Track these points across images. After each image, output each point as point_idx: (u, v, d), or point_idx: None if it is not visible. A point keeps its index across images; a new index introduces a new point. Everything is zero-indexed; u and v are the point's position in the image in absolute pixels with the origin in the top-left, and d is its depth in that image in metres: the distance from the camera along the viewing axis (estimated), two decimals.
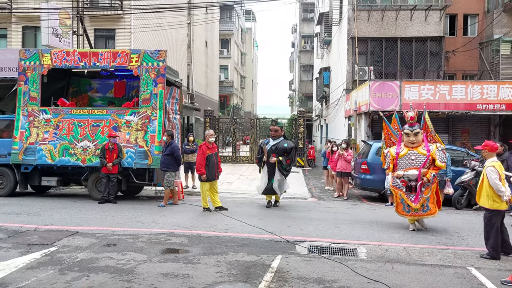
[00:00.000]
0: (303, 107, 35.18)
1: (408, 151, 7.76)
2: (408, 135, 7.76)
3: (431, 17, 19.11)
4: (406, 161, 7.75)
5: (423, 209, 7.75)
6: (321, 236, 7.34)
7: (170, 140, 10.13)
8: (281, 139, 10.04)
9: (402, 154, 7.80)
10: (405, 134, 7.81)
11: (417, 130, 7.71)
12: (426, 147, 7.72)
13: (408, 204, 7.75)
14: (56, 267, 5.40)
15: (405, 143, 7.84)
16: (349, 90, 19.28)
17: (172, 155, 10.02)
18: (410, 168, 7.72)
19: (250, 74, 64.64)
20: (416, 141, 7.72)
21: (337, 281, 5.09)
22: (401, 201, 7.87)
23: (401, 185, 7.83)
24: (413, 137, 7.72)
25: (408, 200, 7.74)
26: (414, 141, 7.72)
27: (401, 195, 7.85)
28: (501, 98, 14.80)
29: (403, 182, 7.77)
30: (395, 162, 7.86)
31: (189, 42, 29.00)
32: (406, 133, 7.78)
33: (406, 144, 7.81)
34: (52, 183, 11.22)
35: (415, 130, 7.71)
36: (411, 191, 7.70)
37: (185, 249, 6.36)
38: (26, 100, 10.94)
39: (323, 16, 26.57)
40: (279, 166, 9.87)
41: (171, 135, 10.22)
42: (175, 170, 10.18)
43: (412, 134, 7.70)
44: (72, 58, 10.82)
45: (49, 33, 16.43)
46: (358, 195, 12.84)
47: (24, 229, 7.51)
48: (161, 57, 10.52)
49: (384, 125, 8.52)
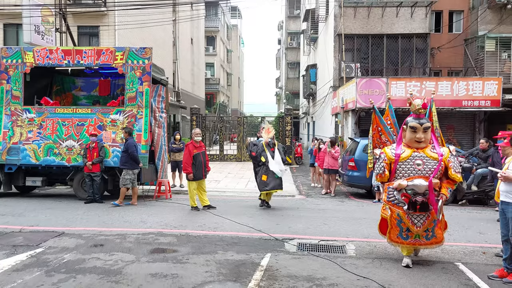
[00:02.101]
0: (290, 105, 35.21)
1: (412, 153, 5.57)
2: (415, 130, 5.58)
3: (417, 14, 19.27)
4: (410, 166, 5.54)
5: (426, 236, 5.65)
6: (310, 234, 7.34)
7: (128, 137, 9.92)
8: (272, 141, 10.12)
9: (404, 156, 5.57)
10: (409, 129, 5.62)
11: (427, 124, 5.60)
12: (436, 149, 5.64)
13: (408, 227, 5.63)
14: (42, 268, 5.29)
15: (407, 141, 5.68)
16: (336, 87, 19.36)
17: (126, 152, 9.78)
18: (416, 176, 5.49)
19: (237, 72, 64.53)
20: (425, 140, 5.60)
21: (327, 278, 5.10)
22: (397, 224, 5.66)
23: (402, 201, 5.55)
24: (421, 133, 5.56)
25: (409, 223, 5.58)
26: (421, 140, 5.56)
27: (399, 215, 5.62)
28: (486, 94, 15.03)
29: (405, 196, 5.51)
30: (393, 167, 5.63)
31: (175, 39, 28.77)
32: (412, 127, 5.58)
33: (409, 144, 5.65)
34: (37, 183, 11.03)
35: (425, 124, 5.58)
36: (415, 210, 5.47)
37: (173, 248, 6.31)
38: (8, 99, 10.72)
39: (310, 13, 26.59)
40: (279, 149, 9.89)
41: (128, 132, 9.97)
42: (131, 168, 9.84)
43: (421, 129, 5.55)
44: (55, 56, 10.63)
45: (32, 30, 16.12)
46: (346, 192, 12.91)
47: (9, 230, 7.35)
48: (147, 54, 10.39)
49: (374, 117, 6.66)
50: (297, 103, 41.38)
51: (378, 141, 6.63)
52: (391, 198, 5.69)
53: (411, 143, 5.67)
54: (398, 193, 5.59)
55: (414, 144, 5.65)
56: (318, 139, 14.95)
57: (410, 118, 5.71)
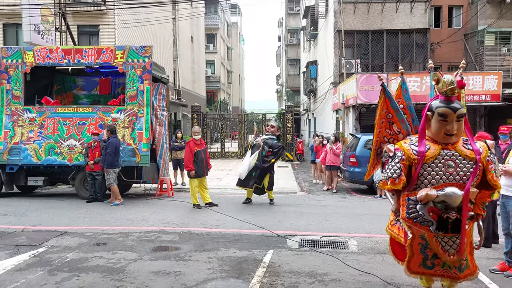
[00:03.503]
0: (290, 102, 35.24)
1: (440, 151, 3.86)
2: (445, 118, 3.81)
3: (416, 9, 19.23)
4: (439, 170, 3.85)
5: (459, 266, 4.01)
6: (312, 230, 7.36)
7: (110, 135, 9.86)
8: (272, 136, 10.03)
9: (430, 155, 3.85)
10: (437, 118, 3.84)
11: (462, 110, 3.86)
12: (471, 145, 3.95)
13: (435, 254, 3.97)
14: (45, 268, 5.32)
15: (432, 134, 3.93)
16: (337, 84, 19.33)
17: (105, 150, 9.70)
18: (447, 184, 3.83)
19: (237, 69, 64.49)
20: (457, 133, 3.87)
21: (329, 274, 5.11)
22: (422, 250, 4.02)
23: (428, 218, 3.88)
24: (454, 123, 3.82)
25: (439, 248, 3.93)
26: (453, 132, 3.82)
27: (425, 238, 3.98)
28: (486, 89, 15.01)
29: (433, 212, 3.86)
30: (415, 170, 3.89)
31: (175, 37, 28.74)
32: (441, 114, 3.81)
33: (436, 138, 3.91)
34: (38, 183, 11.05)
35: (460, 111, 3.84)
36: (447, 230, 3.88)
37: (176, 246, 6.33)
38: (9, 99, 10.73)
39: (309, 9, 26.54)
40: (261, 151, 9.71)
41: (110, 130, 9.91)
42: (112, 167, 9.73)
43: (455, 117, 3.81)
44: (55, 56, 10.63)
45: (31, 30, 16.12)
46: (347, 188, 12.91)
47: (12, 230, 7.38)
48: (147, 53, 10.39)
49: (384, 99, 4.62)
50: (298, 100, 41.36)
51: (388, 133, 4.59)
52: (412, 214, 3.94)
53: (439, 137, 3.89)
54: (423, 208, 3.85)
55: (443, 139, 3.88)
56: (319, 135, 14.94)
57: (437, 101, 3.92)
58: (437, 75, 4.03)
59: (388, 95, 4.64)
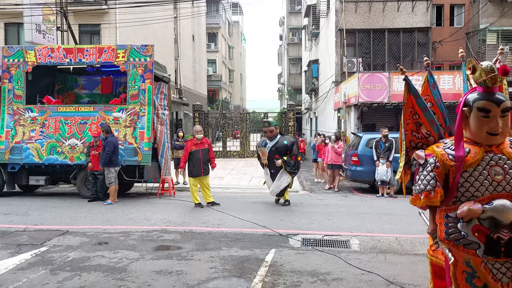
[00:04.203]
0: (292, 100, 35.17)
1: (484, 155, 3.05)
2: (487, 113, 3.00)
3: (418, 8, 19.19)
4: (484, 178, 3.02)
5: None
6: (314, 229, 7.35)
7: (106, 135, 9.84)
8: (278, 137, 9.41)
9: (472, 160, 3.05)
10: (477, 114, 3.04)
11: (507, 103, 3.03)
12: None
13: (485, 284, 3.08)
14: (47, 267, 5.32)
15: (472, 135, 3.11)
16: (338, 83, 19.31)
17: (104, 150, 9.70)
18: (495, 195, 3.00)
19: (239, 68, 64.46)
20: (503, 132, 3.06)
21: (331, 273, 5.10)
22: (467, 280, 3.11)
23: (473, 239, 3.01)
24: (499, 119, 3.00)
25: (489, 277, 3.02)
26: (498, 131, 3.02)
27: (471, 265, 3.08)
28: None
29: (479, 232, 2.99)
30: (454, 179, 3.09)
31: (176, 36, 28.75)
32: (481, 109, 3.00)
33: (476, 139, 3.09)
34: (40, 182, 11.05)
35: (505, 104, 3.00)
36: (498, 254, 2.97)
37: (178, 245, 6.32)
38: (11, 99, 10.73)
39: (311, 8, 26.52)
40: (286, 166, 9.19)
41: (106, 130, 9.90)
42: (112, 166, 9.78)
43: (499, 112, 2.98)
44: (57, 55, 10.63)
45: (33, 29, 16.16)
46: (349, 187, 12.90)
47: (13, 229, 7.39)
48: (148, 52, 10.38)
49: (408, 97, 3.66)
50: (299, 99, 41.34)
51: (415, 136, 3.70)
52: (453, 235, 3.08)
53: (480, 137, 3.07)
54: (466, 226, 3.02)
55: (486, 140, 3.06)
56: (321, 135, 14.92)
57: (474, 94, 3.12)
58: (472, 63, 3.18)
59: (413, 91, 3.70)
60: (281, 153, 9.22)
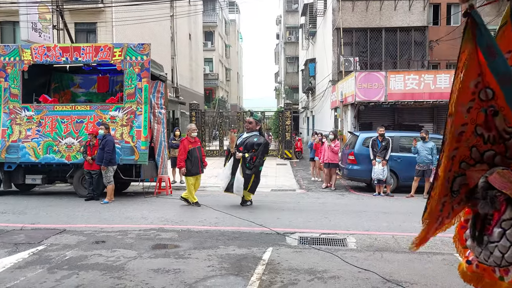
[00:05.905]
0: (289, 99, 35.19)
1: None
2: None
3: (415, 7, 19.24)
4: None
5: None
6: (311, 227, 7.37)
7: (107, 133, 9.82)
8: (253, 133, 9.16)
9: None
10: None
11: None
12: None
13: None
14: (44, 266, 5.31)
15: None
16: (335, 81, 19.34)
17: (103, 149, 9.68)
18: None
19: (235, 67, 64.40)
20: None
21: (328, 271, 5.12)
22: None
23: None
24: None
25: None
26: None
27: None
28: None
29: None
30: None
31: (173, 35, 28.68)
32: None
33: None
34: (36, 181, 11.01)
35: None
36: None
37: (175, 244, 6.33)
38: (7, 97, 10.69)
39: (308, 7, 26.51)
40: (242, 162, 8.92)
41: (106, 126, 9.88)
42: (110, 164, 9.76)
43: None
44: (53, 54, 10.59)
45: (29, 28, 16.06)
46: (346, 186, 12.93)
47: (10, 228, 7.37)
48: (145, 50, 10.36)
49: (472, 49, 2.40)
50: (296, 98, 41.36)
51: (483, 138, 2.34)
52: None
53: None
54: None
55: None
56: (318, 133, 14.95)
57: None
58: None
59: (483, 41, 2.15)
60: (247, 149, 8.96)
